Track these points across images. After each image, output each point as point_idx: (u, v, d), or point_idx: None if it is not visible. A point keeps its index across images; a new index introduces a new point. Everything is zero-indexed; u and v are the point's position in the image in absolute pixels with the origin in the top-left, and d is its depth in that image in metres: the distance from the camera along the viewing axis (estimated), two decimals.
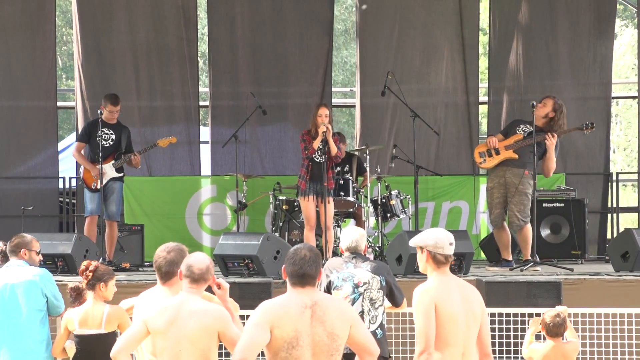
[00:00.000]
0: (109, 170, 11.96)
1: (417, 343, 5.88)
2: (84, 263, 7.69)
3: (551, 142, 11.39)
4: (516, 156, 11.42)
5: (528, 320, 8.93)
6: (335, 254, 10.86)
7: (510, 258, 11.68)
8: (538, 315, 8.56)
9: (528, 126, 11.55)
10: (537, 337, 7.90)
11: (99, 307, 7.59)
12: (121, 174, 12.04)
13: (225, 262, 10.90)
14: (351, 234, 7.85)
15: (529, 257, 11.31)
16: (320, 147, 11.23)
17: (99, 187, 11.87)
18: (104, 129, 11.91)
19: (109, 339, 7.30)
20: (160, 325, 5.79)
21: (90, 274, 7.58)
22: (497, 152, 11.57)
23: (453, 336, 5.89)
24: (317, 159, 11.31)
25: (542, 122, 11.54)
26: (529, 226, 11.45)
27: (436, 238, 6.11)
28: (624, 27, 28.66)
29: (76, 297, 7.96)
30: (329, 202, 11.32)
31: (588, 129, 11.72)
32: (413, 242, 6.18)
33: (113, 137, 11.98)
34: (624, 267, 11.01)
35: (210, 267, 5.94)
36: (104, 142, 11.88)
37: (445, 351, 5.89)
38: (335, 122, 11.72)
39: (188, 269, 5.91)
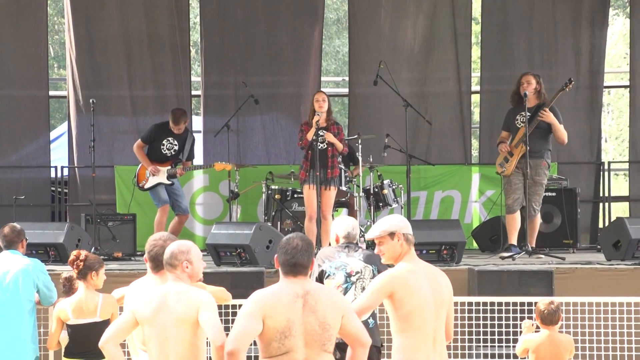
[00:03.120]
0: (162, 175, 12.36)
1: (355, 304, 5.99)
2: (74, 253, 7.69)
3: (547, 117, 11.52)
4: (526, 148, 11.46)
5: (520, 310, 8.97)
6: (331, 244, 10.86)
7: (516, 243, 11.74)
8: (530, 305, 8.59)
9: (522, 114, 11.62)
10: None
11: (92, 295, 7.60)
12: (170, 182, 12.44)
13: (217, 252, 10.89)
14: (348, 221, 7.85)
15: (533, 246, 11.51)
16: (315, 136, 11.23)
17: (146, 187, 12.44)
18: (169, 138, 12.42)
19: (105, 326, 7.32)
20: (147, 314, 5.80)
21: (81, 263, 7.59)
22: (511, 154, 11.66)
23: (423, 322, 5.92)
24: (316, 146, 11.28)
25: (534, 100, 11.66)
26: (538, 215, 11.71)
27: (401, 220, 6.16)
28: (615, 17, 28.67)
29: (70, 287, 7.96)
30: (328, 190, 11.37)
31: (568, 86, 11.75)
32: (378, 232, 6.14)
33: (176, 147, 12.45)
34: (615, 256, 11.04)
35: (177, 252, 5.92)
36: (167, 150, 12.40)
37: (416, 337, 5.91)
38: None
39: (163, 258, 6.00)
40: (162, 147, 12.39)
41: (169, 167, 12.36)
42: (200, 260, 6.03)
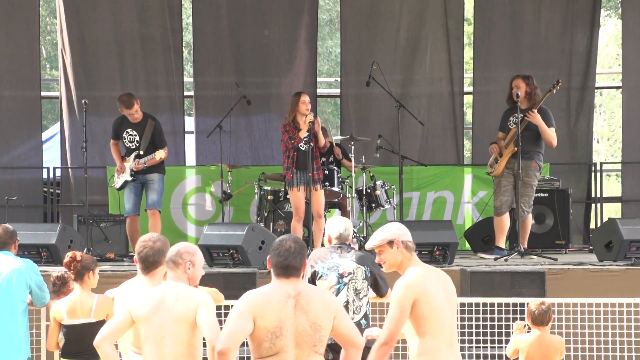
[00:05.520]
0: (127, 171, 11.82)
1: (384, 332, 5.87)
2: (69, 255, 7.69)
3: (533, 117, 11.55)
4: (515, 148, 11.51)
5: (512, 311, 8.98)
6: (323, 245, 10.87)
7: (503, 246, 11.78)
8: (522, 306, 8.60)
9: (515, 115, 11.68)
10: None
11: (87, 296, 7.62)
12: (132, 178, 11.78)
13: (210, 253, 10.88)
14: (341, 222, 7.86)
15: (526, 247, 11.56)
16: (305, 135, 11.26)
17: (116, 187, 11.90)
18: (128, 130, 11.84)
19: (99, 327, 7.32)
20: (144, 313, 5.80)
21: (78, 264, 7.61)
22: (501, 155, 11.73)
23: (441, 325, 5.93)
24: (303, 147, 11.31)
25: (526, 103, 11.70)
26: (530, 216, 11.73)
27: (399, 227, 6.15)
28: (607, 18, 28.71)
29: (61, 286, 7.96)
30: (317, 190, 11.38)
31: (555, 87, 11.79)
32: (376, 241, 6.11)
33: (137, 138, 11.83)
34: (607, 256, 11.05)
35: (183, 251, 5.94)
36: (129, 143, 11.83)
37: (437, 340, 5.92)
38: (320, 113, 11.75)
39: (167, 255, 6.01)
40: (124, 140, 11.89)
41: (131, 162, 11.83)
42: (202, 266, 6.05)
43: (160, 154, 11.67)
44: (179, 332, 5.76)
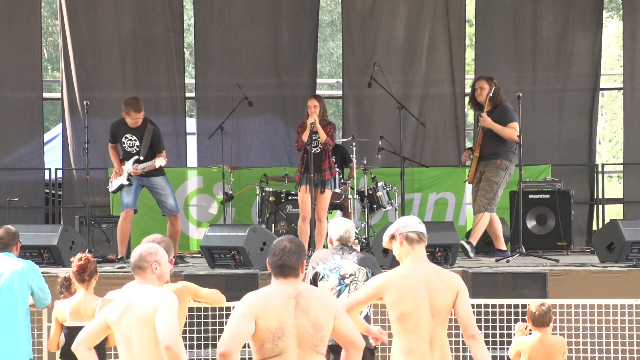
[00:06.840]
0: (124, 175, 11.63)
1: (346, 300, 6.28)
2: (82, 257, 7.68)
3: (484, 122, 11.59)
4: (478, 153, 11.62)
5: (514, 312, 8.98)
6: (325, 246, 10.86)
7: (504, 248, 11.75)
8: (524, 307, 8.60)
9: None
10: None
11: (91, 299, 7.64)
12: (129, 182, 11.56)
13: (211, 254, 10.89)
14: (342, 224, 7.87)
15: (474, 243, 11.54)
16: (313, 138, 11.26)
17: (111, 190, 11.76)
18: (127, 135, 11.62)
19: None
20: (115, 316, 5.80)
21: (92, 265, 7.65)
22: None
23: (415, 325, 5.99)
24: (310, 149, 11.31)
25: (489, 104, 11.68)
26: (487, 215, 11.53)
27: (403, 220, 6.28)
28: (609, 19, 28.69)
29: (68, 287, 7.96)
30: (322, 192, 11.36)
31: (493, 85, 11.73)
32: (384, 240, 6.30)
33: (137, 143, 11.61)
34: (609, 258, 11.05)
35: (145, 254, 5.91)
36: (129, 148, 11.63)
37: (410, 340, 5.98)
38: None
39: (131, 263, 5.99)
40: (123, 145, 11.69)
41: (129, 167, 11.62)
42: (167, 261, 6.02)
43: (160, 162, 11.50)
44: (144, 333, 5.71)
